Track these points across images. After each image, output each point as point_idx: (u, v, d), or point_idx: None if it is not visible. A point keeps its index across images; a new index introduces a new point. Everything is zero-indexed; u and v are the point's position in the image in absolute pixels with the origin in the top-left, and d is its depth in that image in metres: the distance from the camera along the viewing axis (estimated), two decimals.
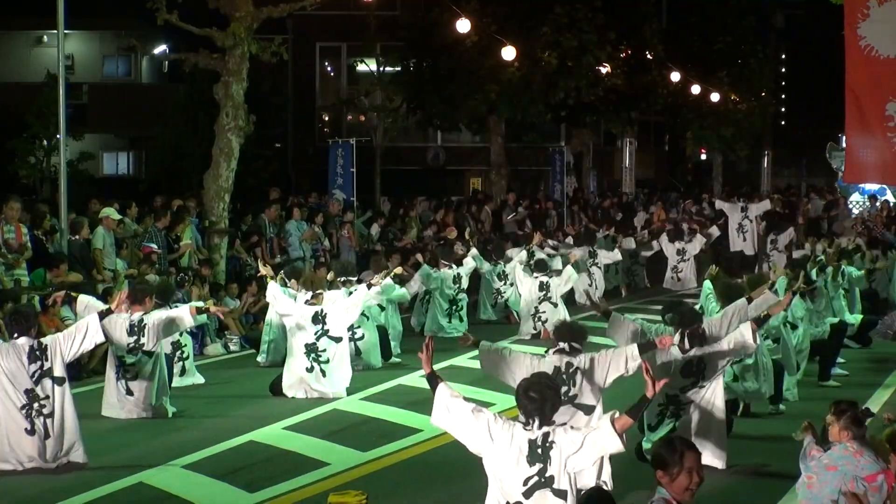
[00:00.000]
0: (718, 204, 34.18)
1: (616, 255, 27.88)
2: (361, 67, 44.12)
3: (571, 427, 8.80)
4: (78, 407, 12.91)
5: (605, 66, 37.08)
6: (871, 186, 36.77)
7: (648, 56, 40.98)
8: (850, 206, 39.04)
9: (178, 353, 17.78)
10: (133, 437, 14.29)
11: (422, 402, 15.98)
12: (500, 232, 31.28)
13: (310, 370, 16.61)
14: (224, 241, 23.95)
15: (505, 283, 24.50)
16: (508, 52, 32.20)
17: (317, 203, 29.74)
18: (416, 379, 17.88)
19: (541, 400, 8.55)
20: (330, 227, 26.97)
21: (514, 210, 33.73)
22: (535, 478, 8.52)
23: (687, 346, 11.94)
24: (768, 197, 37.44)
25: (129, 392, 15.29)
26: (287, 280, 18.07)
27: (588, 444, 8.51)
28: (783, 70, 74.92)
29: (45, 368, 12.65)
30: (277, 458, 13.09)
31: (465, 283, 22.99)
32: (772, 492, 11.50)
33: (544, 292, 22.30)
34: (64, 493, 11.74)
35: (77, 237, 20.70)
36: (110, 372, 15.47)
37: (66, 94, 21.83)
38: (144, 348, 15.22)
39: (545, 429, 8.54)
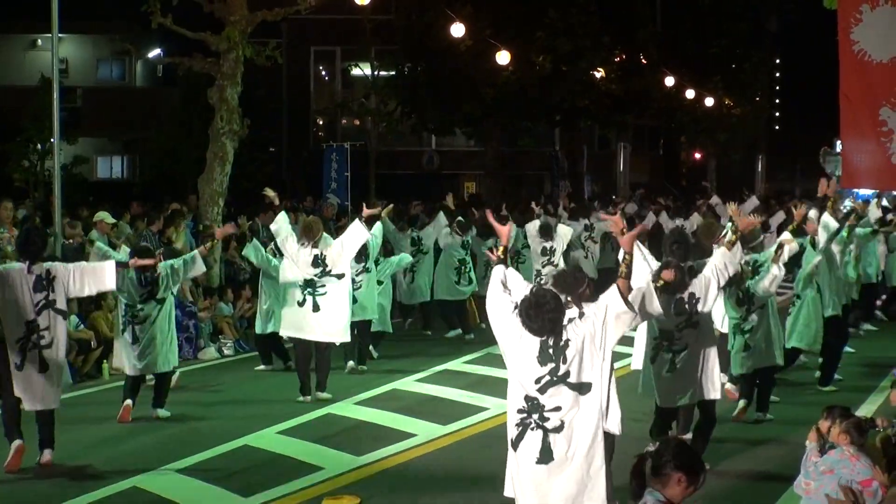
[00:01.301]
0: (714, 199, 34.42)
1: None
2: (356, 71, 44.15)
3: (581, 317, 8.98)
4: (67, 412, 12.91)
5: (599, 71, 37.15)
6: (866, 192, 36.77)
7: (643, 60, 41.04)
8: (843, 210, 39.00)
9: None
10: (126, 441, 14.27)
11: (416, 407, 16.01)
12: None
13: (301, 303, 16.39)
14: (218, 245, 23.90)
15: None
16: (503, 57, 32.25)
17: (311, 207, 29.72)
18: (410, 383, 17.89)
19: (539, 321, 8.73)
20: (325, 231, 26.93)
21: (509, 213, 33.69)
22: (547, 376, 8.76)
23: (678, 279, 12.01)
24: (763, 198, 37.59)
25: (136, 340, 15.30)
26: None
27: (599, 318, 8.80)
28: (777, 75, 75.00)
29: (49, 299, 12.77)
30: (271, 463, 13.07)
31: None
32: (769, 494, 11.50)
33: (548, 257, 22.49)
34: (57, 498, 11.71)
35: (71, 241, 20.68)
36: (119, 326, 15.55)
37: (61, 97, 21.77)
38: (157, 297, 15.28)
39: (554, 336, 8.77)
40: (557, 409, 8.76)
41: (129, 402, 15.33)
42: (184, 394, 16.52)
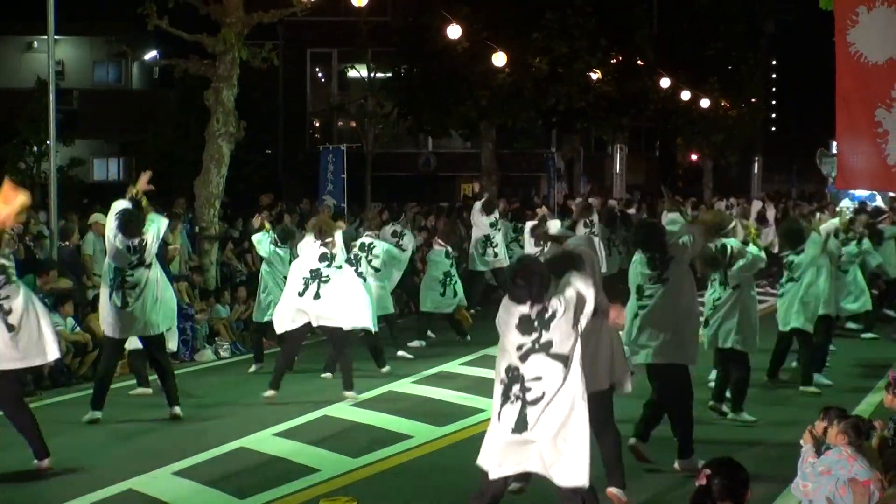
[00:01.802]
0: (718, 206, 34.70)
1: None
2: (352, 73, 44.14)
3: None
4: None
5: (595, 73, 37.15)
6: (861, 193, 36.81)
7: (639, 62, 41.06)
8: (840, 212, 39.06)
9: None
10: (122, 444, 14.26)
11: (412, 409, 16.01)
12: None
13: (301, 293, 16.45)
14: (214, 247, 23.92)
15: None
16: (499, 58, 32.27)
17: (308, 209, 29.71)
18: (407, 385, 17.88)
19: (527, 285, 9.04)
20: None
21: (504, 216, 33.69)
22: (529, 345, 9.05)
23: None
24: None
25: (125, 305, 15.28)
26: (279, 242, 18.92)
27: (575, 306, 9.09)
28: (774, 76, 75.08)
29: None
30: (267, 465, 13.06)
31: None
32: (765, 495, 11.48)
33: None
34: (53, 501, 11.71)
35: (67, 243, 20.68)
36: (105, 292, 15.48)
37: (57, 99, 21.79)
38: (146, 263, 15.46)
39: (538, 306, 9.05)
40: (538, 378, 9.00)
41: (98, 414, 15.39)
42: (180, 396, 16.48)
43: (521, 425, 9.01)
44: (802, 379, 17.13)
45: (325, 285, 16.46)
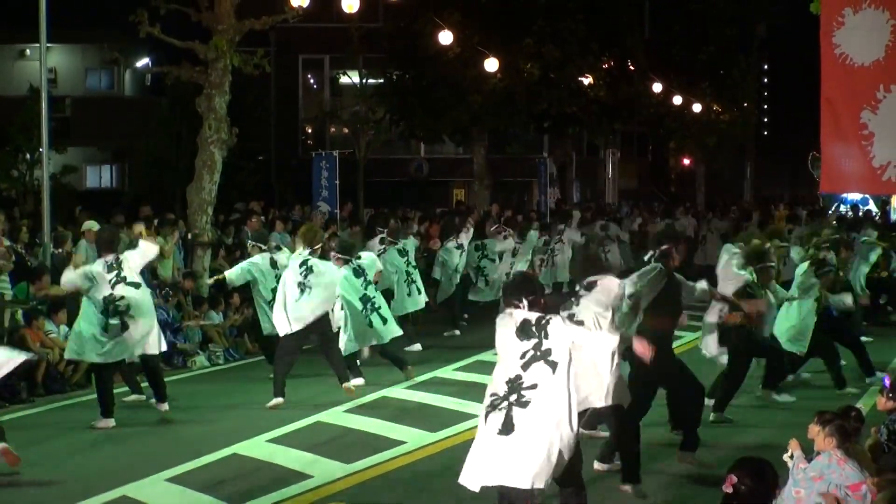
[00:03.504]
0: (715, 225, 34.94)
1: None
2: (344, 79, 44.15)
3: (569, 320, 9.66)
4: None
5: (587, 77, 37.18)
6: (853, 196, 36.92)
7: (631, 67, 41.09)
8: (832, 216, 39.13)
9: None
10: (115, 450, 14.26)
11: (405, 414, 16.02)
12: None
13: (297, 300, 16.74)
14: (207, 253, 23.92)
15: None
16: (491, 64, 32.31)
17: (300, 216, 29.72)
18: (400, 391, 17.89)
19: (517, 296, 9.36)
20: None
21: (497, 221, 33.72)
22: (531, 351, 9.15)
23: None
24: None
25: (125, 327, 15.50)
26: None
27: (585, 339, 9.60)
28: (766, 80, 75.15)
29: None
30: (261, 471, 13.06)
31: (412, 258, 22.91)
32: None
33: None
34: None
35: (60, 250, 20.68)
36: (93, 318, 15.62)
37: (49, 107, 21.80)
38: (128, 280, 15.56)
39: (538, 314, 9.26)
40: (534, 386, 9.09)
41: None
42: (173, 402, 16.49)
43: (507, 428, 9.10)
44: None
45: (311, 287, 16.77)
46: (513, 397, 9.11)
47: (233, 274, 18.79)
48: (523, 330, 9.22)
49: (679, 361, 12.95)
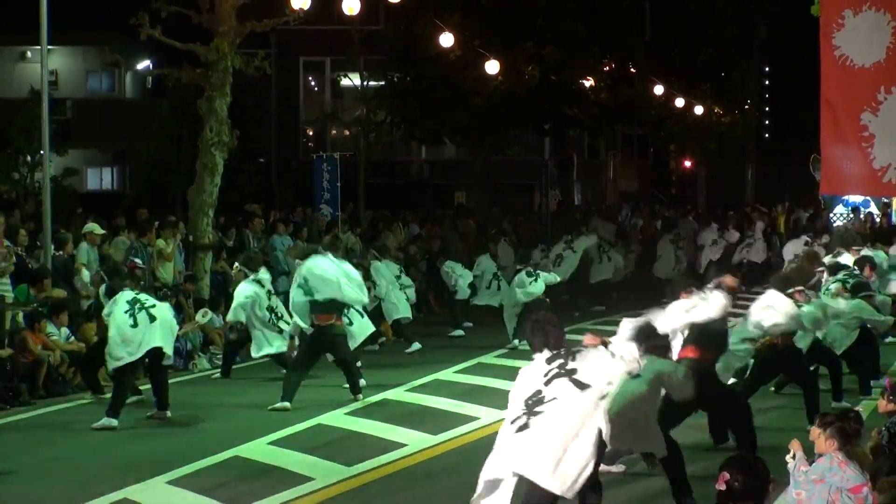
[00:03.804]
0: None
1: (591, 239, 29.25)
2: (345, 82, 44.13)
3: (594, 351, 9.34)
4: None
5: (588, 80, 37.16)
6: (855, 198, 36.88)
7: (632, 69, 41.05)
8: (833, 218, 39.12)
9: None
10: (117, 453, 14.26)
11: (406, 417, 16.02)
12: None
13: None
14: (208, 256, 23.91)
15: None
16: (492, 66, 32.28)
17: (302, 218, 29.71)
18: (401, 393, 17.91)
19: (543, 334, 9.28)
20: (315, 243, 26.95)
21: (498, 224, 33.77)
22: (556, 369, 9.06)
23: None
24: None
25: (153, 319, 16.03)
26: (247, 270, 19.55)
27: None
28: (767, 82, 75.11)
29: None
30: (262, 473, 13.06)
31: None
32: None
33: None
34: None
35: (61, 253, 20.67)
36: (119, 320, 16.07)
37: (50, 109, 21.80)
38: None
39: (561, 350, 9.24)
40: (553, 399, 8.90)
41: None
42: (174, 405, 16.50)
43: (524, 427, 8.94)
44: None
45: None
46: (532, 408, 8.95)
47: (233, 316, 19.57)
48: (549, 360, 9.19)
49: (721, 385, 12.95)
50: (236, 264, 20.54)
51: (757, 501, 6.76)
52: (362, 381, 17.59)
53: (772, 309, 14.52)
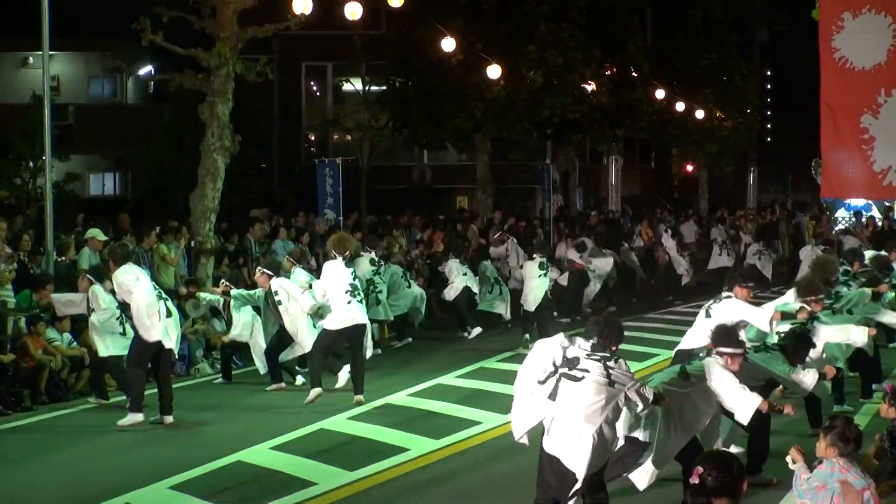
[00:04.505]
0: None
1: (608, 263, 29.02)
2: (347, 87, 44.15)
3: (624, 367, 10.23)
4: None
5: (590, 84, 37.17)
6: (857, 202, 36.89)
7: (633, 73, 41.07)
8: (836, 222, 39.12)
9: None
10: (119, 458, 14.27)
11: (408, 421, 16.02)
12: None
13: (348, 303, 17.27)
14: (210, 261, 23.92)
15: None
16: (494, 71, 32.28)
17: (304, 223, 29.71)
18: (403, 398, 17.90)
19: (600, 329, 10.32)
20: (316, 247, 26.96)
21: (500, 228, 33.76)
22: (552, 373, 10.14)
23: None
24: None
25: (169, 313, 16.41)
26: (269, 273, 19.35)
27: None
28: (768, 86, 75.09)
29: None
30: (264, 478, 13.06)
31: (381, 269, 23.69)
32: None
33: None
34: None
35: (63, 258, 20.68)
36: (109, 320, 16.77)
37: (52, 115, 21.79)
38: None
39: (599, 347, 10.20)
40: (585, 370, 9.98)
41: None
42: (176, 410, 16.50)
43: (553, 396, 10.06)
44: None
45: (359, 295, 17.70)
46: (563, 370, 10.03)
47: (236, 292, 19.79)
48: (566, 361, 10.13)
49: None
50: (223, 282, 20.59)
51: (731, 498, 6.77)
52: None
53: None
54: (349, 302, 17.21)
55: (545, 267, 23.10)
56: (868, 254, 19.50)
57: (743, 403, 10.94)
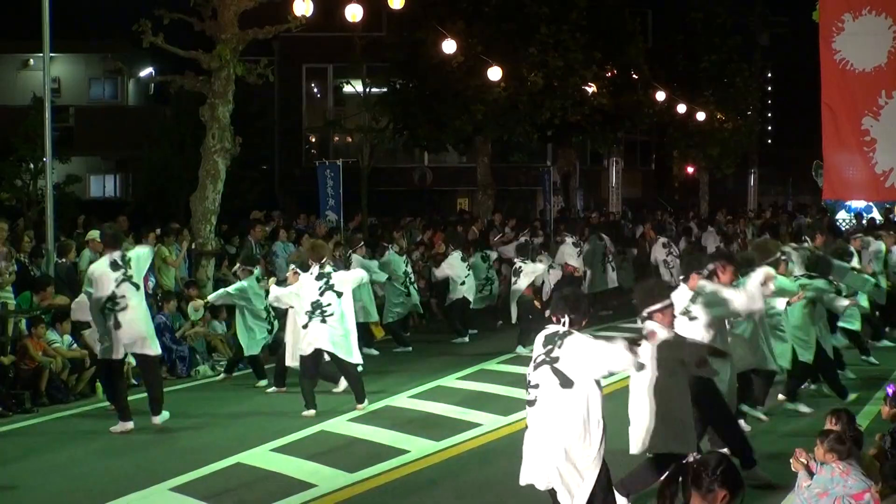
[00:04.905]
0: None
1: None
2: (348, 88, 44.16)
3: (591, 337, 9.84)
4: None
5: (590, 86, 37.16)
6: (857, 204, 36.91)
7: (634, 76, 41.06)
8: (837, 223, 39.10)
9: None
10: (119, 460, 14.25)
11: (409, 423, 16.00)
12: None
13: (305, 326, 16.75)
14: (211, 262, 23.93)
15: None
16: (494, 73, 32.29)
17: (305, 225, 29.72)
18: (403, 400, 17.89)
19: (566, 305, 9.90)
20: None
21: (501, 230, 33.74)
22: (543, 356, 9.74)
23: None
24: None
25: (118, 326, 15.65)
26: (249, 268, 20.03)
27: (597, 355, 9.65)
28: (769, 88, 75.10)
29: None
30: (264, 480, 13.05)
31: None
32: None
33: None
34: None
35: (64, 260, 20.68)
36: (96, 317, 16.01)
37: (53, 117, 21.78)
38: (133, 280, 15.78)
39: (567, 328, 9.77)
40: (535, 385, 9.75)
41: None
42: (177, 412, 16.49)
43: (530, 428, 9.82)
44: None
45: (331, 317, 16.79)
46: (528, 395, 9.85)
47: (213, 296, 20.29)
48: (547, 339, 9.83)
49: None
50: (238, 265, 20.62)
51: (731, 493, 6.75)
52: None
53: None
54: (306, 325, 16.73)
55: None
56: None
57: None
